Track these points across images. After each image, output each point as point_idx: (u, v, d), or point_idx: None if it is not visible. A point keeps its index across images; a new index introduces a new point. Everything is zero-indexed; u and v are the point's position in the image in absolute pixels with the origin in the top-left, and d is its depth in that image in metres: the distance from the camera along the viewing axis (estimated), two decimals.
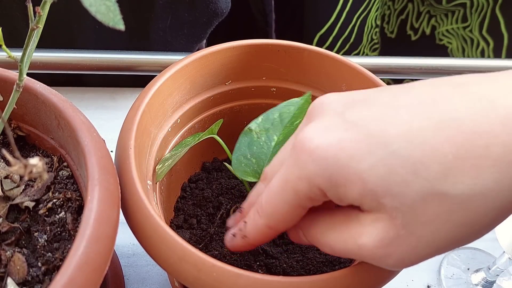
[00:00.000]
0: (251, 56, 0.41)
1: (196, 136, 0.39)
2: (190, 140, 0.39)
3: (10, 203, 0.32)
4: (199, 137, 0.38)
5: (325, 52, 0.41)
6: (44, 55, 0.53)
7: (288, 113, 0.38)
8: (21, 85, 0.29)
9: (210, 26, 0.59)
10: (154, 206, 0.33)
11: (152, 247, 0.29)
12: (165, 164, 0.37)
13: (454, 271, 0.46)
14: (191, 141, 0.39)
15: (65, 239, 0.30)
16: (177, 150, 0.38)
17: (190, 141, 0.39)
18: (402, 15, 0.78)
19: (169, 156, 0.38)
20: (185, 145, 0.38)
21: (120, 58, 0.55)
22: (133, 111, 0.34)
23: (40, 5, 0.25)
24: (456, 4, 0.72)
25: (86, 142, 0.29)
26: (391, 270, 0.28)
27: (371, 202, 0.23)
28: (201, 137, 0.38)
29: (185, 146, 0.38)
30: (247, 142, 0.37)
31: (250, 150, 0.37)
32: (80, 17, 0.53)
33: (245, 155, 0.37)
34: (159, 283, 0.43)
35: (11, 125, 0.35)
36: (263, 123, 0.38)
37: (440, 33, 0.77)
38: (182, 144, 0.39)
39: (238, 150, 0.37)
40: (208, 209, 0.40)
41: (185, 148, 0.38)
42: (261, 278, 0.27)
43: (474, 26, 0.73)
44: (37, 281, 0.28)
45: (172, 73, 0.37)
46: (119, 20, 0.23)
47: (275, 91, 0.43)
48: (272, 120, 0.38)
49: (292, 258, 0.37)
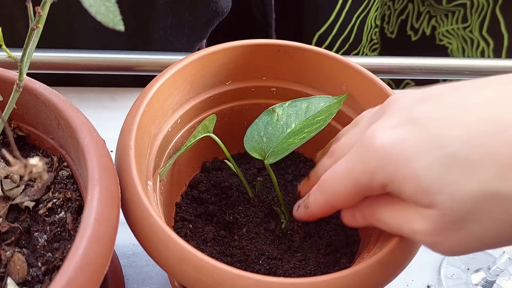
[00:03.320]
0: (251, 56, 0.41)
1: (192, 136, 0.39)
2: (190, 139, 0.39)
3: (10, 203, 0.32)
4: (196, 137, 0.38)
5: (325, 52, 0.41)
6: (44, 55, 0.53)
7: (316, 107, 0.38)
8: (21, 85, 0.29)
9: (211, 25, 0.59)
10: (154, 206, 0.33)
11: (152, 247, 0.29)
12: (166, 165, 0.37)
13: (454, 271, 0.46)
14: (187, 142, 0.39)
15: (65, 239, 0.30)
16: (175, 154, 0.38)
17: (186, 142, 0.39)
18: (402, 15, 0.78)
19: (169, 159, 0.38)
20: (185, 145, 0.38)
21: (120, 58, 0.55)
22: (133, 111, 0.34)
23: (40, 5, 0.25)
24: (456, 4, 0.72)
25: (86, 142, 0.29)
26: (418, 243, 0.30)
27: (424, 198, 0.25)
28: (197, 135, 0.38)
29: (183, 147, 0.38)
30: (266, 121, 0.38)
31: (266, 129, 0.38)
32: (80, 17, 0.53)
33: (259, 132, 0.38)
34: (159, 283, 0.43)
35: (11, 125, 0.35)
36: (288, 109, 0.39)
37: (440, 33, 0.77)
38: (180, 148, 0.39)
39: (255, 125, 0.38)
40: (208, 209, 0.40)
41: (183, 148, 0.38)
42: (261, 279, 0.27)
43: (474, 27, 0.73)
44: (37, 281, 0.28)
45: (172, 73, 0.37)
46: (118, 21, 0.23)
47: (275, 91, 0.43)
48: (299, 108, 0.39)
49: (294, 259, 0.37)
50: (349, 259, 0.37)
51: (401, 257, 0.30)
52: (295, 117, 0.38)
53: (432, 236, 0.26)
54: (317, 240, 0.39)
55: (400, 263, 0.30)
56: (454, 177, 0.24)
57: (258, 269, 0.36)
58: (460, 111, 0.25)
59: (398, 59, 0.60)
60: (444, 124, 0.25)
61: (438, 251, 0.27)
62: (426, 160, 0.24)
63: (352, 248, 0.38)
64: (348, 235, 0.39)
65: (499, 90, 0.25)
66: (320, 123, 0.37)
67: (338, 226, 0.40)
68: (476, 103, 0.25)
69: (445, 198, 0.24)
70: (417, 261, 0.46)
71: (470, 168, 0.23)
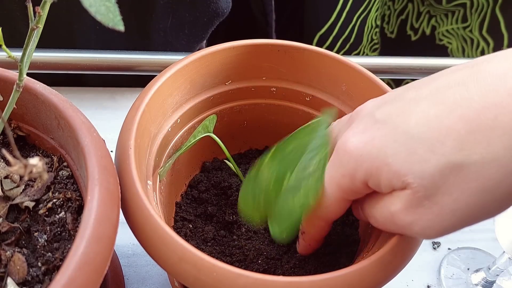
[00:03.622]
0: (251, 56, 0.41)
1: (192, 137, 0.38)
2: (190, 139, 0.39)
3: (10, 203, 0.32)
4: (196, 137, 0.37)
5: (325, 52, 0.41)
6: (44, 55, 0.53)
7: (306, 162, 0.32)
8: (21, 85, 0.29)
9: (211, 26, 0.59)
10: (154, 206, 0.33)
11: (152, 247, 0.29)
12: (165, 166, 0.37)
13: (454, 271, 0.46)
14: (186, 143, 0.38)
15: (65, 239, 0.30)
16: (174, 155, 0.38)
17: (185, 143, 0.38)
18: (402, 15, 0.78)
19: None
20: (185, 145, 0.38)
21: (120, 58, 0.55)
22: (133, 111, 0.34)
23: (40, 5, 0.25)
24: (456, 4, 0.72)
25: (86, 142, 0.29)
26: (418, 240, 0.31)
27: (398, 182, 0.27)
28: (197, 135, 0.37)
29: (185, 146, 0.38)
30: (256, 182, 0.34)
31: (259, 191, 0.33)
32: (80, 17, 0.53)
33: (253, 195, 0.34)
34: (159, 283, 0.43)
35: (11, 125, 0.35)
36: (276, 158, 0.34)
37: (440, 33, 0.77)
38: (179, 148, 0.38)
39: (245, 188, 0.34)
40: (208, 209, 0.40)
41: (183, 148, 0.37)
42: (260, 278, 0.27)
43: (474, 26, 0.73)
44: (37, 281, 0.28)
45: (172, 73, 0.37)
46: (119, 21, 0.23)
47: (275, 91, 0.43)
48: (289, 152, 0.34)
49: (293, 259, 0.37)
50: (349, 259, 0.37)
51: (401, 255, 0.30)
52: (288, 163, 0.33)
53: (408, 215, 0.27)
54: None
55: (400, 261, 0.30)
56: (419, 156, 0.26)
57: (257, 268, 0.36)
58: (415, 103, 0.27)
59: (398, 59, 0.60)
60: (403, 116, 0.27)
61: (416, 232, 0.28)
62: (393, 149, 0.27)
63: (351, 247, 0.38)
64: (348, 235, 0.39)
65: (444, 81, 0.27)
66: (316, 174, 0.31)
67: (337, 226, 0.40)
68: (427, 93, 0.27)
69: (414, 176, 0.26)
70: (417, 261, 0.46)
71: (431, 145, 0.25)
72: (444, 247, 0.48)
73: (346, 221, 0.40)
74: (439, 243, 0.48)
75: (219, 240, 0.38)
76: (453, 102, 0.25)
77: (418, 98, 0.27)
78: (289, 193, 0.32)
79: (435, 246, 0.48)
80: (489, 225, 0.50)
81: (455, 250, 0.48)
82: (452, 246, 0.48)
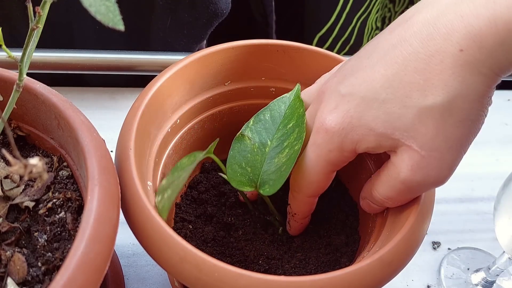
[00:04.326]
0: (251, 56, 0.41)
1: (192, 156, 0.35)
2: (186, 162, 0.35)
3: (10, 203, 0.32)
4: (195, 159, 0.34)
5: (324, 51, 0.41)
6: (44, 55, 0.53)
7: (279, 113, 0.37)
8: (21, 85, 0.29)
9: (210, 26, 0.59)
10: (154, 206, 0.33)
11: (153, 247, 0.29)
12: (164, 196, 0.32)
13: (454, 271, 0.46)
14: (186, 164, 0.35)
15: (65, 239, 0.30)
16: (173, 176, 0.34)
17: (185, 164, 0.35)
18: None
19: (166, 185, 0.34)
20: (181, 169, 0.34)
21: (120, 58, 0.55)
22: (133, 111, 0.34)
23: (40, 5, 0.25)
24: None
25: (86, 142, 0.29)
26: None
27: (387, 142, 0.30)
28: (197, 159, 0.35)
29: (181, 169, 0.34)
30: (241, 149, 0.36)
31: (245, 158, 0.36)
32: (80, 17, 0.53)
33: (239, 163, 0.36)
34: (159, 283, 0.43)
35: (11, 125, 0.35)
36: (255, 126, 0.37)
37: None
38: (177, 167, 0.35)
39: (232, 158, 0.36)
40: (208, 210, 0.40)
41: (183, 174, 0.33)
42: (262, 278, 0.27)
43: None
44: (37, 281, 0.28)
45: (172, 73, 0.37)
46: (118, 21, 0.23)
47: (274, 91, 0.43)
48: (264, 121, 0.37)
49: (294, 258, 0.37)
50: (350, 258, 0.37)
51: (401, 255, 0.30)
52: (266, 132, 0.36)
53: (417, 174, 0.29)
54: (317, 240, 0.39)
55: (401, 261, 0.30)
56: (396, 114, 0.29)
57: (257, 269, 0.36)
58: (371, 68, 0.30)
59: None
60: (365, 84, 0.30)
61: (432, 183, 0.30)
62: (371, 115, 0.29)
63: (352, 247, 0.38)
64: (348, 234, 0.39)
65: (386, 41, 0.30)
66: (296, 130, 0.35)
67: (338, 225, 0.40)
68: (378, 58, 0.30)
69: (401, 132, 0.29)
70: (417, 261, 0.46)
71: (402, 101, 0.28)
72: (444, 247, 0.48)
73: (346, 221, 0.40)
74: (439, 243, 0.48)
75: (219, 240, 0.38)
76: (404, 59, 0.28)
77: (372, 63, 0.30)
78: (274, 153, 0.35)
79: (435, 246, 0.48)
80: (489, 225, 0.51)
81: (455, 250, 0.48)
82: (452, 246, 0.48)
